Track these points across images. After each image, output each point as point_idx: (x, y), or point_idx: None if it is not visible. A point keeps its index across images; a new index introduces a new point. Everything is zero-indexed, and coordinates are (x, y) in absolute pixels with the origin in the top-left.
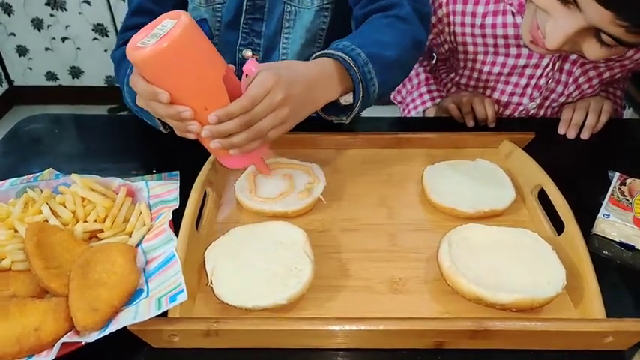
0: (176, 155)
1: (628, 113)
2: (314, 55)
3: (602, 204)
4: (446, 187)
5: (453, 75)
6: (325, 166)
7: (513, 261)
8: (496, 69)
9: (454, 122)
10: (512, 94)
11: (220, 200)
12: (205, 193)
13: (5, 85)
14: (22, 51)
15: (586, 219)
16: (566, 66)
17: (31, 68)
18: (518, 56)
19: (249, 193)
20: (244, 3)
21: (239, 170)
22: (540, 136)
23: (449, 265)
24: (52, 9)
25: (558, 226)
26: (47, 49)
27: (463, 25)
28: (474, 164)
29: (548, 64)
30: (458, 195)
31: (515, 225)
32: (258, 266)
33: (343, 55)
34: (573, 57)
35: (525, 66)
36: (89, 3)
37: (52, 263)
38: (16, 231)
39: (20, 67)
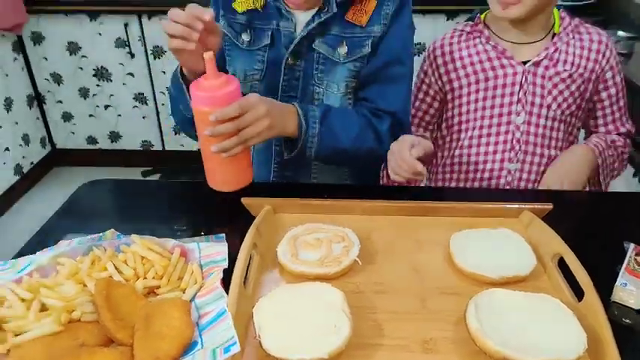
0: (221, 218)
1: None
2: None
3: (619, 272)
4: (471, 254)
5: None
6: (358, 231)
7: (537, 325)
8: (475, 132)
9: (477, 191)
10: (494, 152)
11: (265, 262)
12: (251, 255)
13: (48, 148)
14: (66, 117)
15: (604, 287)
16: (541, 121)
17: (73, 132)
18: (492, 107)
19: (290, 257)
20: (280, 82)
21: (281, 233)
22: (558, 207)
23: (476, 327)
24: (99, 80)
25: (578, 292)
26: (90, 115)
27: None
28: (497, 232)
29: (523, 123)
30: (482, 261)
31: (536, 290)
32: (301, 323)
33: (303, 112)
34: (544, 113)
35: (499, 124)
36: (133, 75)
37: (118, 315)
38: (84, 285)
39: (64, 132)
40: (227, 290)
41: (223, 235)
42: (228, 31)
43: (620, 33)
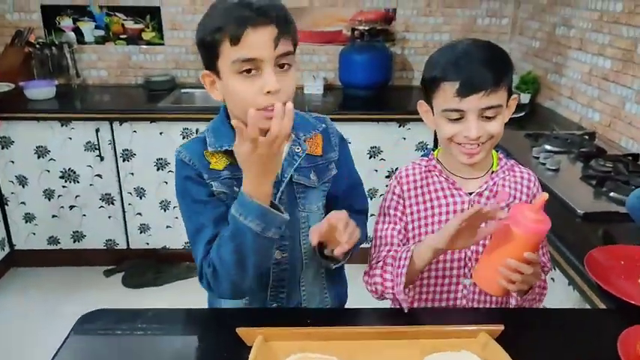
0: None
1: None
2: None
3: None
4: None
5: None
6: (345, 357)
7: None
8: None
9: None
10: (451, 268)
11: None
12: None
13: (7, 249)
14: (28, 218)
15: None
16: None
17: (34, 233)
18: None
19: None
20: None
21: None
22: (509, 327)
23: None
24: (66, 181)
25: None
26: (54, 215)
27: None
28: (460, 356)
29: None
30: None
31: None
32: None
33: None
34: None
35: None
36: (101, 176)
37: None
38: None
39: (24, 233)
40: None
41: None
42: (224, 189)
43: (547, 147)
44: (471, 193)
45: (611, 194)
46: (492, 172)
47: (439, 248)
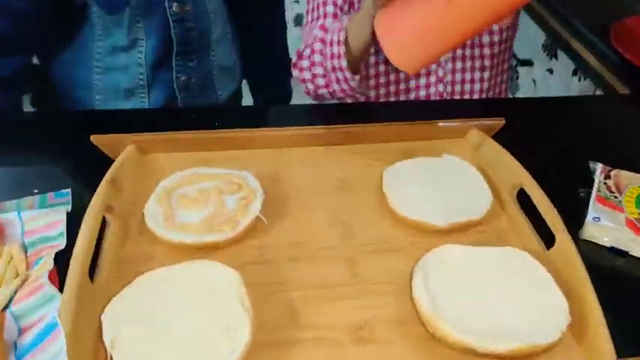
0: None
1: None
2: None
3: (586, 200)
4: (410, 194)
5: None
6: (261, 174)
7: (504, 294)
8: None
9: (414, 106)
10: None
11: (125, 233)
12: (104, 222)
13: None
14: None
15: (570, 221)
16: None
17: None
18: None
19: (163, 221)
20: None
21: (153, 185)
22: (512, 121)
23: (427, 306)
24: None
25: (545, 234)
26: None
27: None
28: (441, 161)
29: None
30: (425, 203)
31: (495, 236)
32: (177, 330)
33: None
34: None
35: None
36: None
37: None
38: None
39: None
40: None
41: (69, 190)
42: None
43: None
44: None
45: None
46: None
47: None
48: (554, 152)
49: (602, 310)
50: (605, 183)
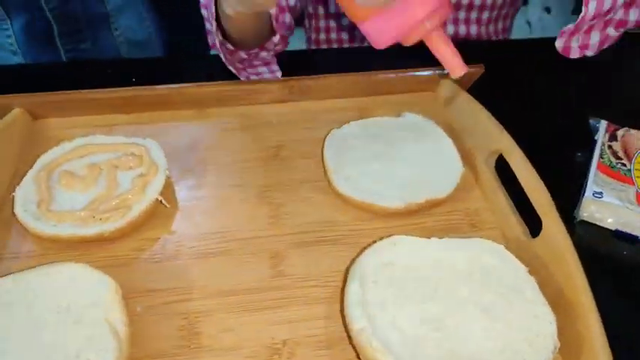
0: None
1: None
2: None
3: (585, 168)
4: (358, 166)
5: None
6: (168, 143)
7: (471, 312)
8: None
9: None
10: None
11: None
12: None
13: None
14: None
15: (564, 197)
16: None
17: None
18: None
19: (36, 208)
20: None
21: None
22: (488, 70)
23: (360, 328)
24: None
25: (531, 217)
26: None
27: None
28: (399, 122)
29: None
30: (377, 178)
31: (466, 219)
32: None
33: None
34: None
35: None
36: None
37: None
38: None
39: None
40: None
41: None
42: None
43: None
44: None
45: None
46: None
47: None
48: (546, 108)
49: (602, 319)
50: (609, 146)
